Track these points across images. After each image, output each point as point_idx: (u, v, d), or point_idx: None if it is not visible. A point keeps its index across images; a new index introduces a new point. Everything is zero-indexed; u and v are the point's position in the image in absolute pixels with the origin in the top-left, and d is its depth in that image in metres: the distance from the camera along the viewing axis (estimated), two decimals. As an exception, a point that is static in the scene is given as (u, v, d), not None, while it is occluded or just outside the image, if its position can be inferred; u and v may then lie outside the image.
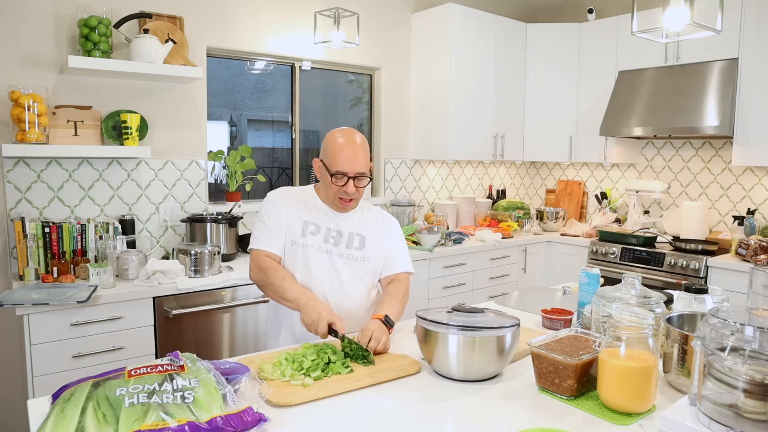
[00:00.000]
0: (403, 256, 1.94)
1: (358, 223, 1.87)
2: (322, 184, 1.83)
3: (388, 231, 1.93)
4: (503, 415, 1.24)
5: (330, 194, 1.80)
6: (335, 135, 1.79)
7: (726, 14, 3.24)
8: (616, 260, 3.67)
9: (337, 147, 1.75)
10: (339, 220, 1.85)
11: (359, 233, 1.86)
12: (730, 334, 1.02)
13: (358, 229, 1.87)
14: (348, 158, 1.73)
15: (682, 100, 3.48)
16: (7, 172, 2.63)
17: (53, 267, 2.48)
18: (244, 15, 3.29)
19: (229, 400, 1.11)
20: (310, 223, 1.82)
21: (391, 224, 1.95)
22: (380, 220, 1.93)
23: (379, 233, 1.90)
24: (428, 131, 4.02)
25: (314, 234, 1.82)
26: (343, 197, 1.78)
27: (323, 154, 1.79)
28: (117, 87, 2.87)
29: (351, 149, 1.75)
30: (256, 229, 1.84)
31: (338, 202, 1.80)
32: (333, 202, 1.82)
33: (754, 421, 0.97)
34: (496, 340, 1.37)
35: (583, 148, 4.21)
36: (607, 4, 4.34)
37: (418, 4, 4.07)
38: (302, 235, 1.81)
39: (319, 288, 1.80)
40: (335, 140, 1.77)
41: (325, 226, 1.83)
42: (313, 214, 1.84)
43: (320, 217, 1.84)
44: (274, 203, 1.84)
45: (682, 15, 1.99)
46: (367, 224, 1.89)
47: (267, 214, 1.83)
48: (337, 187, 1.75)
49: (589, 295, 1.75)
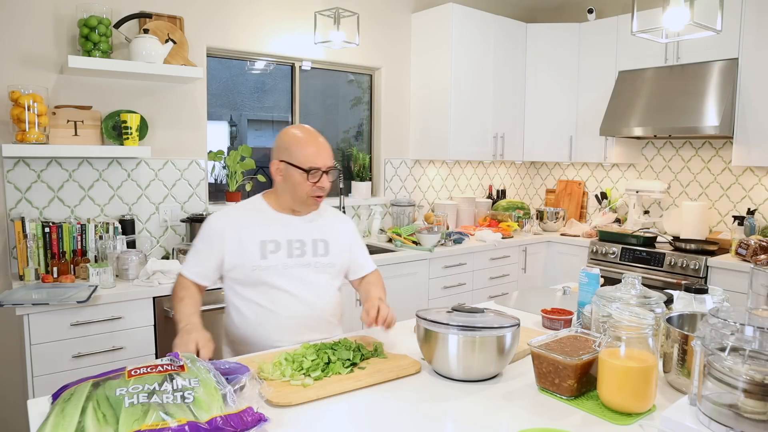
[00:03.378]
0: (367, 257, 1.96)
1: (320, 228, 1.81)
2: (288, 185, 1.72)
3: (350, 234, 1.90)
4: (503, 415, 1.24)
5: (301, 193, 1.71)
6: (294, 132, 1.73)
7: (726, 14, 3.24)
8: (616, 260, 3.67)
9: (303, 142, 1.70)
10: (299, 227, 1.77)
11: (322, 239, 1.80)
12: (730, 334, 1.02)
13: (321, 234, 1.80)
14: (318, 152, 1.69)
15: (682, 100, 3.48)
16: (7, 172, 2.63)
17: (53, 267, 2.48)
18: (244, 15, 3.29)
19: (229, 400, 1.11)
20: (267, 243, 1.72)
21: (350, 227, 1.92)
22: (340, 221, 1.89)
23: (341, 235, 1.86)
24: (428, 131, 4.02)
25: (275, 252, 1.72)
26: (318, 193, 1.72)
27: (285, 154, 1.70)
28: (117, 87, 2.87)
29: (316, 143, 1.71)
30: (189, 253, 1.77)
31: (311, 200, 1.73)
32: (304, 202, 1.73)
33: (754, 421, 0.97)
34: (496, 340, 1.37)
35: (583, 148, 4.21)
36: (607, 4, 4.34)
37: (418, 4, 4.07)
38: (262, 257, 1.71)
39: (294, 300, 1.73)
40: (296, 137, 1.72)
41: (286, 239, 1.74)
42: (269, 230, 1.73)
43: (277, 230, 1.74)
44: (214, 230, 1.73)
45: (682, 15, 1.99)
46: (329, 228, 1.83)
47: (202, 240, 1.74)
48: (311, 183, 1.69)
49: (589, 295, 1.75)
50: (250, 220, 1.75)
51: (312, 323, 1.77)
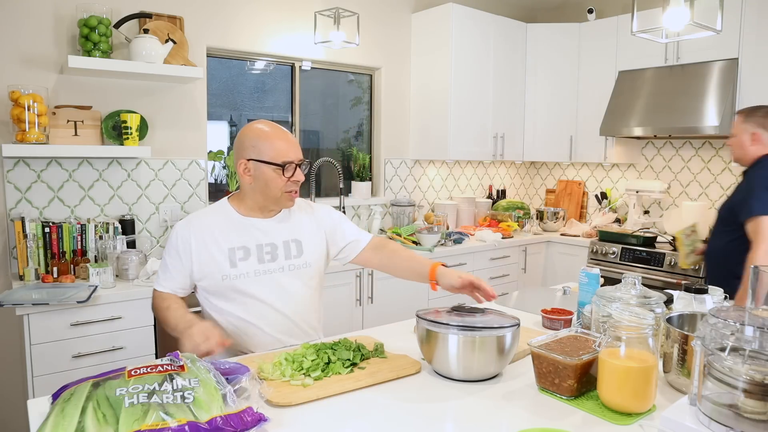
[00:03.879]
0: (358, 230, 1.86)
1: (291, 228, 1.73)
2: (259, 184, 1.63)
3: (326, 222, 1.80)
4: (503, 415, 1.24)
5: (275, 191, 1.63)
6: (259, 128, 1.64)
7: (726, 14, 3.24)
8: (616, 260, 3.67)
9: (271, 137, 1.62)
10: (269, 230, 1.69)
11: (294, 239, 1.72)
12: (730, 334, 1.02)
13: (292, 234, 1.73)
14: (289, 145, 1.63)
15: (682, 100, 3.48)
16: (7, 172, 2.63)
17: (53, 267, 2.48)
18: (244, 15, 3.29)
19: (229, 400, 1.11)
20: (236, 250, 1.64)
21: (320, 213, 1.82)
22: (309, 214, 1.80)
23: (313, 230, 1.78)
24: (428, 131, 4.02)
25: (245, 259, 1.65)
26: (293, 188, 1.66)
27: (253, 152, 1.61)
28: (117, 87, 2.87)
29: (285, 136, 1.64)
30: (159, 266, 1.72)
31: (285, 197, 1.66)
32: (278, 199, 1.66)
33: (754, 421, 0.97)
34: (496, 340, 1.37)
35: (583, 148, 4.21)
36: (607, 4, 4.34)
37: (418, 4, 4.07)
38: (232, 266, 1.63)
39: (269, 309, 1.68)
40: (263, 132, 1.63)
41: (255, 244, 1.67)
42: (237, 237, 1.66)
43: (245, 235, 1.66)
44: (180, 240, 1.65)
45: (682, 15, 1.99)
46: (298, 226, 1.75)
47: (169, 253, 1.67)
48: (286, 178, 1.62)
49: (589, 295, 1.75)
50: (217, 226, 1.66)
51: (290, 332, 1.72)
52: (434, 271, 1.72)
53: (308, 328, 1.78)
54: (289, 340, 1.72)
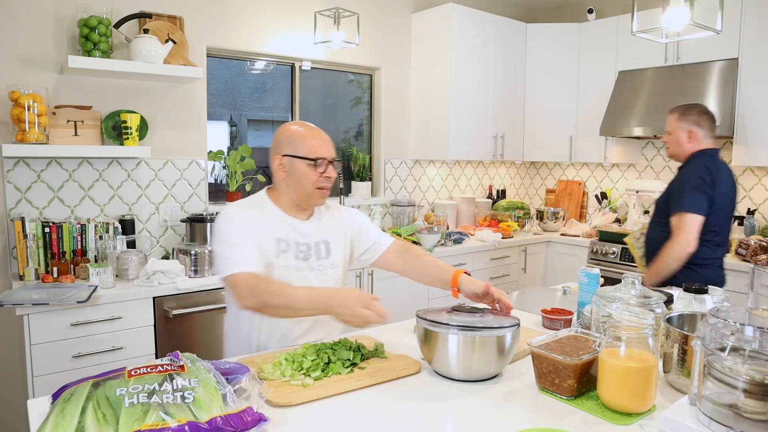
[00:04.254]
0: (381, 233, 1.91)
1: (321, 230, 1.77)
2: (293, 179, 1.67)
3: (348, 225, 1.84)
4: (503, 415, 1.24)
5: (307, 186, 1.67)
6: (295, 127, 1.71)
7: (726, 14, 3.24)
8: (616, 260, 3.67)
9: (306, 135, 1.68)
10: (303, 229, 1.73)
11: (324, 240, 1.76)
12: (730, 334, 1.02)
13: (322, 235, 1.76)
14: (322, 143, 1.68)
15: (682, 100, 3.47)
16: (7, 172, 2.63)
17: (53, 267, 2.48)
18: (244, 15, 3.29)
19: (229, 400, 1.11)
20: (281, 241, 1.68)
21: (347, 215, 1.86)
22: (337, 216, 1.83)
23: (340, 232, 1.81)
24: (428, 131, 4.02)
25: (285, 252, 1.68)
26: (325, 185, 1.69)
27: (288, 148, 1.66)
28: (117, 87, 2.87)
29: (319, 135, 1.70)
30: (228, 251, 1.60)
31: (317, 193, 1.69)
32: (311, 195, 1.69)
33: (754, 421, 0.97)
34: (496, 340, 1.37)
35: (583, 148, 4.21)
36: (607, 4, 4.34)
37: (418, 4, 4.07)
38: (276, 255, 1.66)
39: None
40: (299, 131, 1.69)
41: (294, 240, 1.70)
42: (280, 229, 1.69)
43: (286, 230, 1.70)
44: (239, 220, 1.65)
45: (682, 15, 1.99)
46: (327, 227, 1.79)
47: (237, 233, 1.62)
48: (318, 174, 1.66)
49: (589, 295, 1.75)
50: (262, 216, 1.70)
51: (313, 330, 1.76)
52: (456, 278, 1.73)
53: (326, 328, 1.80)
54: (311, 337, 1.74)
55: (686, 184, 2.43)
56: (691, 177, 2.43)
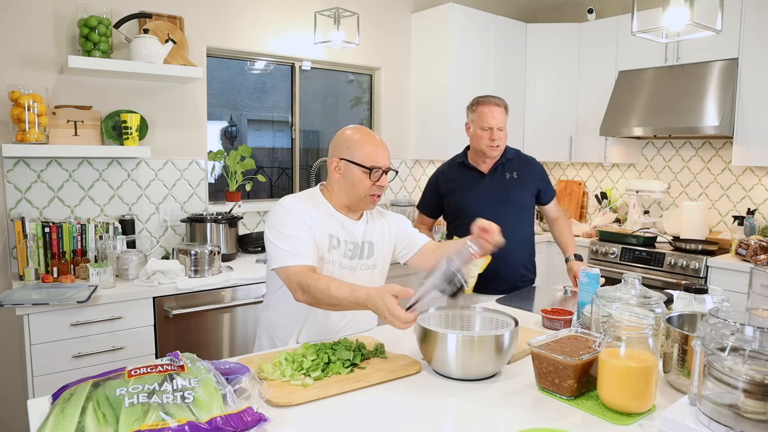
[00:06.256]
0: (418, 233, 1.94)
1: (368, 231, 1.80)
2: (347, 183, 1.71)
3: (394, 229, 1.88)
4: (503, 415, 1.24)
5: (360, 192, 1.70)
6: (355, 132, 1.73)
7: (726, 14, 3.24)
8: (616, 260, 3.67)
9: (366, 141, 1.70)
10: (354, 228, 1.77)
11: (369, 241, 1.80)
12: (730, 334, 1.02)
13: (368, 236, 1.80)
14: (381, 152, 1.71)
15: (682, 100, 3.48)
16: (7, 172, 2.63)
17: (53, 267, 2.48)
18: (244, 15, 3.29)
19: (229, 400, 1.11)
20: (333, 237, 1.71)
21: (393, 219, 1.90)
22: (383, 220, 1.87)
23: (385, 236, 1.85)
24: (428, 131, 4.02)
25: (336, 248, 1.72)
26: (377, 192, 1.71)
27: (345, 152, 1.70)
28: (117, 87, 2.87)
29: (379, 143, 1.73)
30: (282, 242, 1.62)
31: (368, 199, 1.72)
32: (362, 200, 1.72)
33: (754, 421, 0.97)
34: (494, 340, 1.37)
35: (583, 148, 4.21)
36: (607, 4, 4.34)
37: (418, 4, 4.07)
38: (328, 250, 1.70)
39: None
40: (358, 137, 1.71)
41: (343, 238, 1.74)
42: (333, 226, 1.72)
43: (338, 228, 1.73)
44: (297, 212, 1.67)
45: (682, 15, 1.99)
46: (373, 229, 1.82)
47: (291, 224, 1.64)
48: (372, 182, 1.69)
49: (589, 295, 1.75)
50: (316, 211, 1.72)
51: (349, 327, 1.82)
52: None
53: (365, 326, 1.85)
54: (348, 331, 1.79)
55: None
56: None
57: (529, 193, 2.55)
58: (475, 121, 2.52)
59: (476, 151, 2.56)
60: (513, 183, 2.51)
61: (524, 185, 2.53)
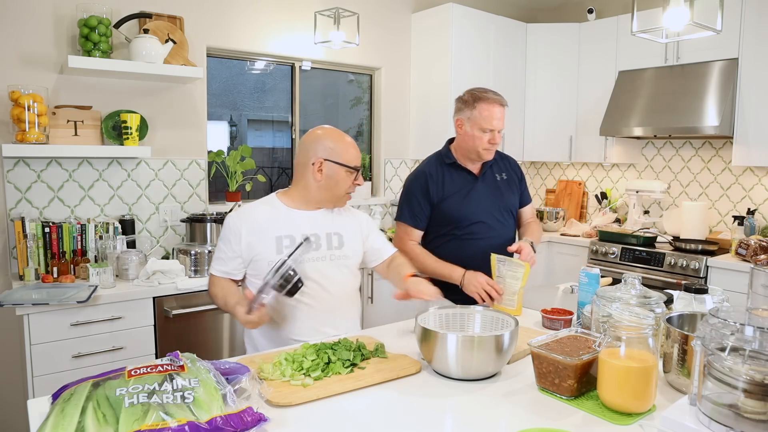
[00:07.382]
0: (384, 241, 2.00)
1: (333, 223, 1.86)
2: (330, 182, 1.79)
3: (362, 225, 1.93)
4: (503, 415, 1.24)
5: (341, 191, 1.81)
6: (336, 134, 1.83)
7: (726, 14, 3.24)
8: (616, 260, 3.67)
9: (347, 144, 1.81)
10: (313, 222, 1.82)
11: (336, 232, 1.85)
12: (730, 334, 1.02)
13: (334, 227, 1.85)
14: (357, 154, 1.83)
15: (682, 100, 3.48)
16: (7, 172, 2.63)
17: (53, 267, 2.48)
18: (245, 15, 3.29)
19: (229, 400, 1.11)
20: (283, 238, 1.77)
21: (363, 218, 1.96)
22: (350, 215, 1.93)
23: (354, 230, 1.89)
24: (428, 131, 4.02)
25: (290, 247, 1.76)
26: (354, 190, 1.85)
27: (331, 153, 1.77)
28: (117, 87, 2.87)
29: (355, 145, 1.84)
30: (214, 253, 1.85)
31: (346, 197, 1.86)
32: (341, 198, 1.84)
33: (754, 421, 0.97)
34: (494, 340, 1.37)
35: (583, 148, 4.21)
36: (607, 4, 4.34)
37: (418, 4, 4.07)
38: (278, 252, 1.75)
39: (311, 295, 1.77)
40: (341, 139, 1.81)
41: (300, 234, 1.78)
42: (284, 227, 1.79)
43: (292, 226, 1.79)
44: (231, 228, 1.79)
45: (682, 15, 1.99)
46: (340, 222, 1.87)
47: (222, 240, 1.82)
48: (351, 181, 1.81)
49: (589, 295, 1.75)
50: (265, 216, 1.80)
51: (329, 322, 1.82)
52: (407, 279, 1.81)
53: (345, 320, 1.86)
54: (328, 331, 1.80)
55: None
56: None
57: (516, 195, 2.35)
58: (474, 120, 2.17)
59: (467, 150, 2.21)
60: (504, 185, 2.30)
61: (512, 187, 2.33)
